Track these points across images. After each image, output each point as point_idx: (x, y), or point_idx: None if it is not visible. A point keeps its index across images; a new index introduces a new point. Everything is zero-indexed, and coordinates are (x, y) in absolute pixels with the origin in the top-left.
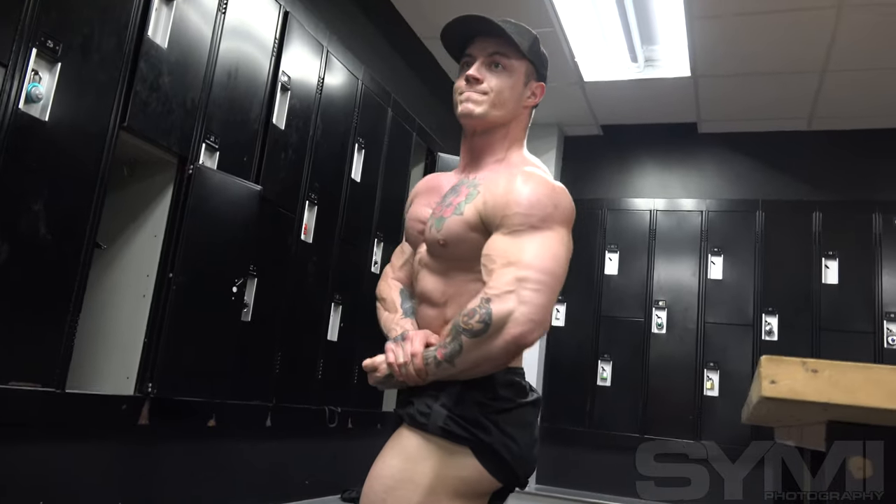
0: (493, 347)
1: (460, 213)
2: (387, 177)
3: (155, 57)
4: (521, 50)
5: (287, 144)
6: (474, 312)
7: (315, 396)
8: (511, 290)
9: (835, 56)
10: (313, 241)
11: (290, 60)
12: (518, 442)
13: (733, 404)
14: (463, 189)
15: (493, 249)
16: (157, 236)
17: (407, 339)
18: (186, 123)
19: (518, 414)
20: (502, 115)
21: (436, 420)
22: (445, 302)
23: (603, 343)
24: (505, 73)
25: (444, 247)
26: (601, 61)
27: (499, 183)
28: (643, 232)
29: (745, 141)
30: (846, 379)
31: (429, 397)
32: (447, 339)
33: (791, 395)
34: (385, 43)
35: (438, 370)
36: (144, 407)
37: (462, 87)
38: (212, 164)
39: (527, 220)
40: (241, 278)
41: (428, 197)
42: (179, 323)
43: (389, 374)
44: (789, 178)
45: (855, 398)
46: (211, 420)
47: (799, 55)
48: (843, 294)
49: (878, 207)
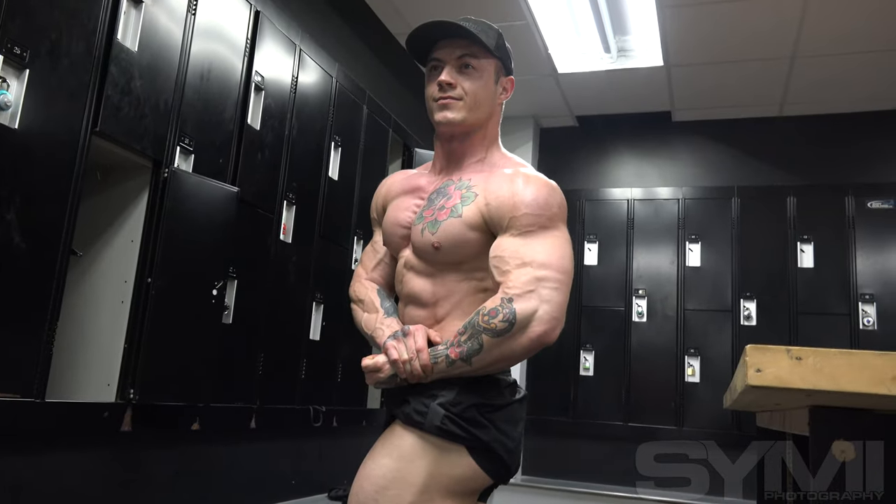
0: (517, 346)
1: (458, 215)
2: (364, 174)
3: (125, 60)
4: (489, 49)
5: (263, 145)
6: (497, 312)
7: (299, 396)
8: (532, 290)
9: (804, 42)
10: (293, 241)
11: (262, 60)
12: (512, 438)
13: (714, 390)
14: (453, 191)
15: (504, 250)
16: (134, 241)
17: (409, 334)
18: (160, 127)
19: (511, 411)
20: (479, 117)
21: (433, 419)
22: (436, 302)
23: (585, 333)
24: (476, 75)
25: (437, 250)
26: (574, 53)
27: (500, 185)
28: (621, 221)
29: (719, 128)
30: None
31: (426, 396)
32: (462, 337)
33: (776, 383)
34: (358, 40)
35: (451, 368)
36: (127, 414)
37: (435, 93)
38: (187, 167)
39: (537, 221)
40: (221, 280)
41: (405, 199)
42: (159, 328)
43: (393, 373)
44: (763, 164)
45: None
46: (195, 424)
47: (768, 42)
48: (819, 277)
49: (850, 190)
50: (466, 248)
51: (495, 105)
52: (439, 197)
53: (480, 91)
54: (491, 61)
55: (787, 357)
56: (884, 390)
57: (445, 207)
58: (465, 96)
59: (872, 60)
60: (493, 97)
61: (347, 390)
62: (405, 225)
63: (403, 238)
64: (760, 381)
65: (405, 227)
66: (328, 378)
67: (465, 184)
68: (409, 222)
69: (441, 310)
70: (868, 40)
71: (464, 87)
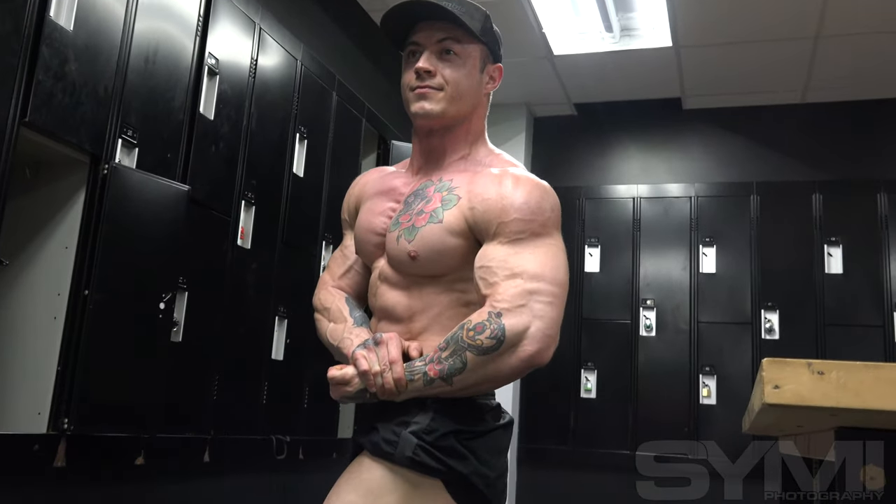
0: (504, 366)
1: (439, 220)
2: (334, 170)
3: (59, 41)
4: (474, 32)
5: (217, 137)
6: (484, 327)
7: (260, 425)
8: (523, 304)
9: (829, 19)
10: (252, 247)
11: (217, 40)
12: (494, 469)
13: (733, 413)
14: (432, 194)
15: (491, 260)
16: (69, 248)
17: (381, 343)
18: (99, 116)
19: (493, 438)
20: (462, 109)
21: (404, 449)
22: (411, 317)
23: (586, 350)
24: (459, 61)
25: (414, 259)
26: (572, 32)
27: (486, 186)
28: (626, 222)
29: (735, 117)
30: (855, 380)
31: (396, 423)
32: (443, 353)
33: (796, 401)
34: (327, 18)
35: (428, 387)
36: (60, 446)
37: (412, 82)
38: (130, 163)
39: (528, 227)
40: (170, 293)
41: (379, 202)
42: (98, 348)
43: (363, 387)
44: (785, 158)
45: (865, 401)
46: (139, 457)
47: (790, 19)
48: (849, 284)
49: (882, 186)
50: (447, 258)
51: (481, 96)
52: (417, 200)
53: (463, 80)
54: (476, 46)
55: (808, 371)
56: None
57: (424, 212)
58: (445, 86)
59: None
60: (478, 87)
61: (315, 417)
62: (379, 232)
63: (377, 247)
64: (779, 399)
65: (379, 234)
66: (293, 403)
67: (447, 185)
68: (384, 229)
69: (417, 325)
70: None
71: (444, 76)
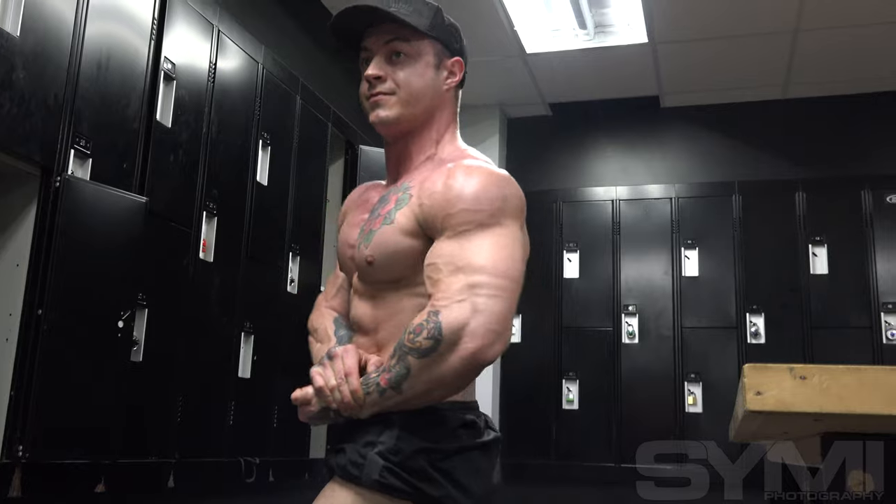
0: (447, 367)
1: (390, 221)
2: (300, 177)
3: (5, 48)
4: (422, 28)
5: (176, 145)
6: (421, 328)
7: (227, 447)
8: (463, 299)
9: (808, 12)
10: (214, 260)
11: (173, 44)
12: (470, 494)
13: (720, 420)
14: (392, 197)
15: (438, 256)
16: (20, 265)
17: (335, 356)
18: (49, 126)
19: (468, 459)
20: (418, 110)
21: (370, 471)
22: (376, 327)
23: (567, 359)
24: (409, 61)
25: (370, 265)
26: (545, 30)
27: (435, 181)
28: (605, 226)
29: (715, 115)
30: (839, 384)
31: (363, 444)
32: (391, 361)
33: (779, 407)
34: (289, 20)
35: (383, 399)
36: (15, 476)
37: (366, 90)
38: (84, 174)
39: (474, 218)
40: (128, 310)
41: (356, 214)
42: (54, 370)
43: (324, 406)
44: (767, 155)
45: (848, 406)
46: (100, 485)
47: (768, 11)
48: (835, 285)
49: (867, 183)
50: (402, 260)
51: (441, 93)
52: (380, 205)
53: (416, 80)
54: (427, 42)
55: (790, 376)
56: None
57: (380, 215)
58: (397, 89)
59: (886, 32)
60: (434, 85)
61: (286, 437)
62: (353, 244)
63: (351, 259)
64: (761, 406)
65: (353, 246)
66: (262, 423)
67: (404, 185)
68: (356, 241)
69: (381, 334)
70: (882, 8)
71: (395, 79)
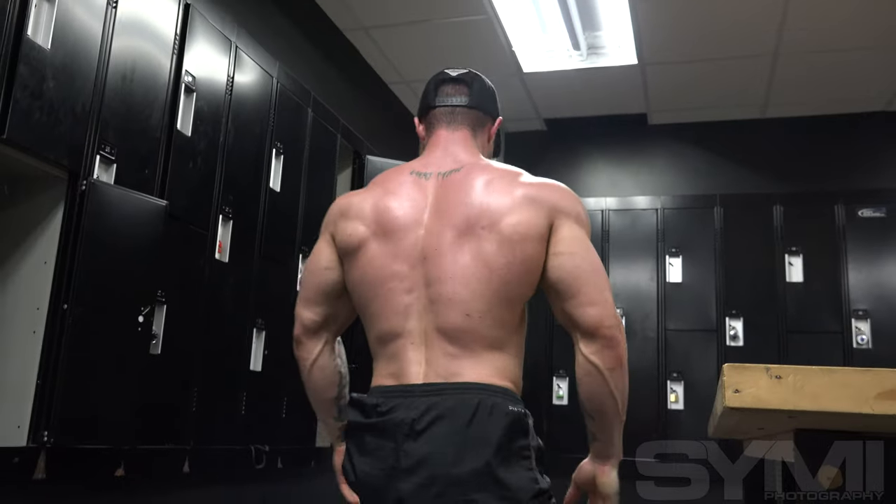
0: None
1: None
2: (310, 184)
3: (37, 59)
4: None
5: (195, 153)
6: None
7: (239, 435)
8: None
9: (787, 37)
10: (230, 261)
11: (193, 58)
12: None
13: (700, 417)
14: None
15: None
16: (48, 263)
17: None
18: (77, 133)
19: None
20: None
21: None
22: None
23: (557, 357)
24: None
25: None
26: (541, 51)
27: None
28: (595, 234)
29: (699, 132)
30: (811, 384)
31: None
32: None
33: (755, 404)
34: (301, 36)
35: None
36: (40, 459)
37: None
38: (108, 179)
39: None
40: (148, 306)
41: None
42: (78, 361)
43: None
44: (747, 171)
45: (820, 404)
46: (119, 469)
47: (749, 37)
48: (809, 292)
49: (841, 198)
50: None
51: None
52: None
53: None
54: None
55: (766, 376)
56: (867, 409)
57: None
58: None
59: (861, 58)
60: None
61: (293, 427)
62: None
63: None
64: (739, 403)
65: None
66: (271, 414)
67: None
68: None
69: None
70: (856, 35)
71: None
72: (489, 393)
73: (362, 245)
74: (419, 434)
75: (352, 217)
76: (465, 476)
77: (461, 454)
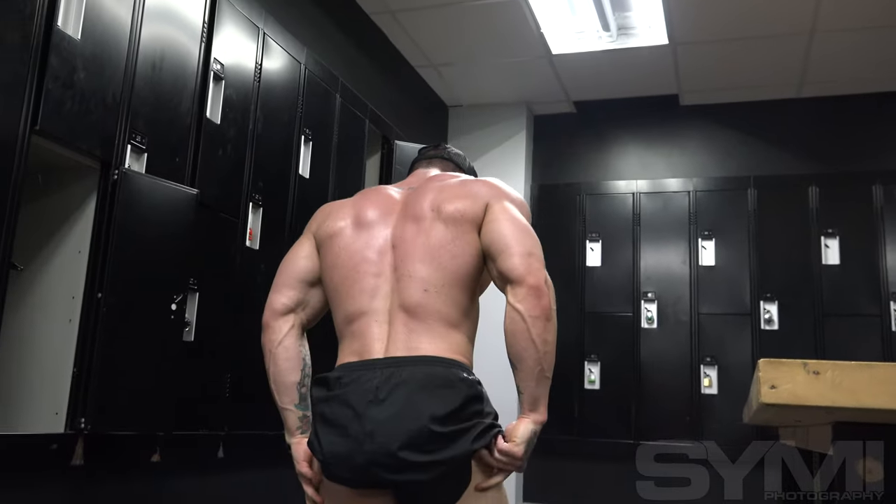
0: None
1: None
2: (339, 170)
3: (67, 50)
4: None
5: (224, 140)
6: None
7: (272, 421)
8: None
9: (823, 14)
10: (260, 247)
11: (221, 46)
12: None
13: (734, 402)
14: None
15: None
16: (82, 252)
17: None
18: (108, 123)
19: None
20: None
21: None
22: None
23: (589, 342)
24: None
25: None
26: (570, 32)
27: None
28: (626, 217)
29: (732, 112)
30: (850, 380)
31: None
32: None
33: (793, 401)
34: (329, 22)
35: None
36: (78, 445)
37: None
38: (139, 168)
39: None
40: (181, 294)
41: None
42: (113, 348)
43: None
44: (782, 151)
45: (860, 400)
46: (155, 455)
47: (784, 15)
48: (846, 275)
49: (878, 178)
50: None
51: None
52: None
53: None
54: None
55: (803, 371)
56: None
57: None
58: None
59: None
60: None
61: None
62: None
63: None
64: (775, 399)
65: None
66: None
67: None
68: None
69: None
70: (894, 11)
71: None
72: (445, 364)
73: (339, 233)
74: (381, 401)
75: (333, 216)
76: (423, 436)
77: (419, 417)
